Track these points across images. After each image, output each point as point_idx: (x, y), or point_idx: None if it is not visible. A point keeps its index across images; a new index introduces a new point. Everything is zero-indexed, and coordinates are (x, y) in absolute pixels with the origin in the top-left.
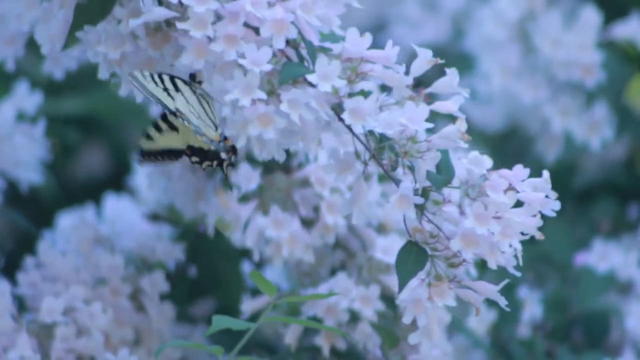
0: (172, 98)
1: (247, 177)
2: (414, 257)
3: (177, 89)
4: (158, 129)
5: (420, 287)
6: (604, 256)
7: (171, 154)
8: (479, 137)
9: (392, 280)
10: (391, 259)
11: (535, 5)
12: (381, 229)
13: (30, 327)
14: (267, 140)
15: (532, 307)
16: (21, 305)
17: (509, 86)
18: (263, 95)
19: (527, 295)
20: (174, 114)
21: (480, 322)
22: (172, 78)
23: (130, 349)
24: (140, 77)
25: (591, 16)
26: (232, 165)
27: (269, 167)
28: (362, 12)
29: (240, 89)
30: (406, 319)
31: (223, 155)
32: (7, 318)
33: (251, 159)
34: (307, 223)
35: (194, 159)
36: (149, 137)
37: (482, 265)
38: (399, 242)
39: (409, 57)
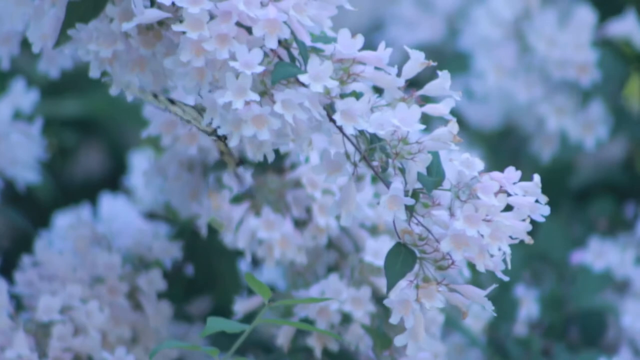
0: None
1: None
2: (402, 258)
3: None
4: None
5: (408, 289)
6: (600, 254)
7: None
8: (474, 136)
9: (383, 282)
10: (381, 262)
11: (530, 5)
12: (374, 230)
13: (27, 326)
14: (262, 141)
15: (529, 305)
16: (18, 304)
17: (504, 85)
18: (256, 97)
19: (524, 293)
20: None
21: (476, 320)
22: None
23: (128, 348)
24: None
25: (586, 15)
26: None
27: (261, 168)
28: (357, 13)
29: (232, 92)
30: (393, 320)
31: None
32: (4, 317)
33: (244, 161)
34: (300, 224)
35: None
36: None
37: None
38: (389, 245)
39: (404, 58)
